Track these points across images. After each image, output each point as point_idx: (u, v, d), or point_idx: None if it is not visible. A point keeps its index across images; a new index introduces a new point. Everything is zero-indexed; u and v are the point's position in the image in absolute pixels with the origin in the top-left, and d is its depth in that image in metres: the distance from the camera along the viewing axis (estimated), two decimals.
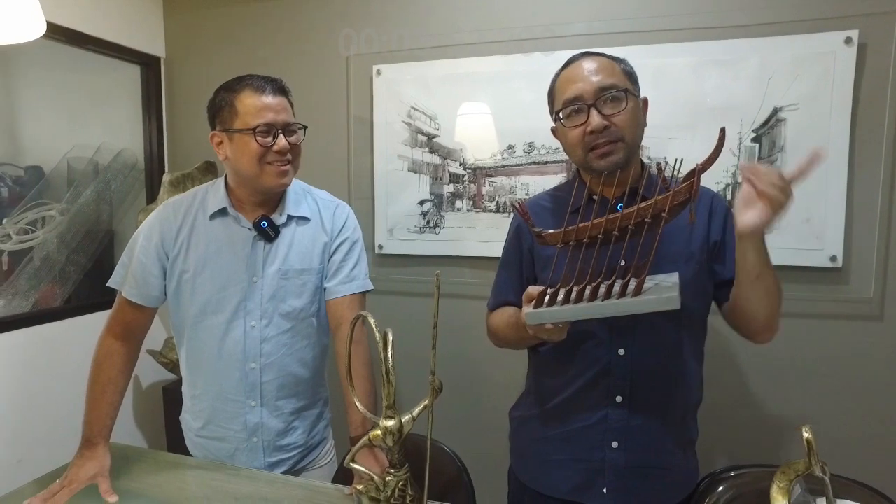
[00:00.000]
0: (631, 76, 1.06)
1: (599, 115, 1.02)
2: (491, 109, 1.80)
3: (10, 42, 0.75)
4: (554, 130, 1.14)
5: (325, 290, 1.29)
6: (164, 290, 1.27)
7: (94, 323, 1.94)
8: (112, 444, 1.27)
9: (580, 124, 1.04)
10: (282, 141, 1.17)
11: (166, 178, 1.94)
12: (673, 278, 0.94)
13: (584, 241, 0.93)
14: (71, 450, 1.21)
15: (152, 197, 2.12)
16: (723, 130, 0.88)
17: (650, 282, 0.93)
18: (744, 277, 0.98)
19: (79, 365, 1.24)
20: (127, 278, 1.26)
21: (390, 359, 0.90)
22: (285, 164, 1.19)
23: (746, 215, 0.90)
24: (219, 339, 1.24)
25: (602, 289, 0.90)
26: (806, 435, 0.61)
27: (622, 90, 1.02)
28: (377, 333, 0.91)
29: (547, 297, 0.93)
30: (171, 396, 2.03)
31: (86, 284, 1.98)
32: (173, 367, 2.00)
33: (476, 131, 1.81)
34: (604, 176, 1.03)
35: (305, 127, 1.25)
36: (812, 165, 0.87)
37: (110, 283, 1.28)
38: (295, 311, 1.26)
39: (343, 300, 1.27)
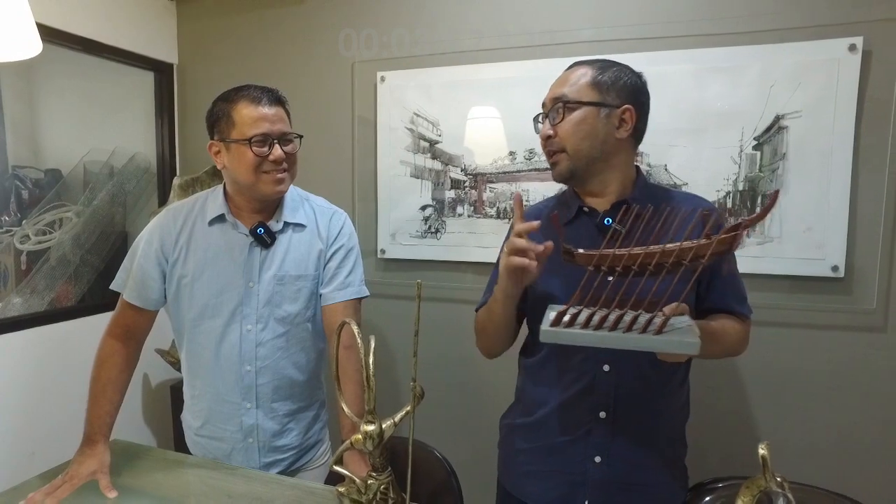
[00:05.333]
0: (602, 85, 1.05)
1: (547, 125, 1.08)
2: (492, 116, 1.81)
3: (5, 59, 0.79)
4: None
5: (320, 296, 1.32)
6: (164, 293, 1.31)
7: (106, 322, 2.00)
8: (115, 441, 1.31)
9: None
10: (277, 150, 1.20)
11: (176, 181, 2.00)
12: (686, 319, 0.92)
13: (618, 269, 0.90)
14: None
15: (164, 199, 2.18)
16: (776, 193, 0.87)
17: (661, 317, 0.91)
18: None
19: (90, 362, 1.31)
20: (128, 282, 1.30)
21: (371, 365, 0.92)
22: (282, 173, 1.22)
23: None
24: (216, 343, 1.28)
25: (625, 318, 0.88)
26: (762, 452, 0.62)
27: (568, 101, 1.04)
28: (359, 340, 0.93)
29: (567, 317, 0.90)
30: (179, 395, 2.06)
31: (99, 284, 2.05)
32: (180, 366, 2.05)
33: (477, 137, 1.83)
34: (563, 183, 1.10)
35: (301, 136, 1.28)
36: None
37: (113, 286, 1.33)
38: (290, 315, 1.29)
39: (338, 306, 1.30)
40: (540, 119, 1.13)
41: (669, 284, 0.85)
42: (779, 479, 0.64)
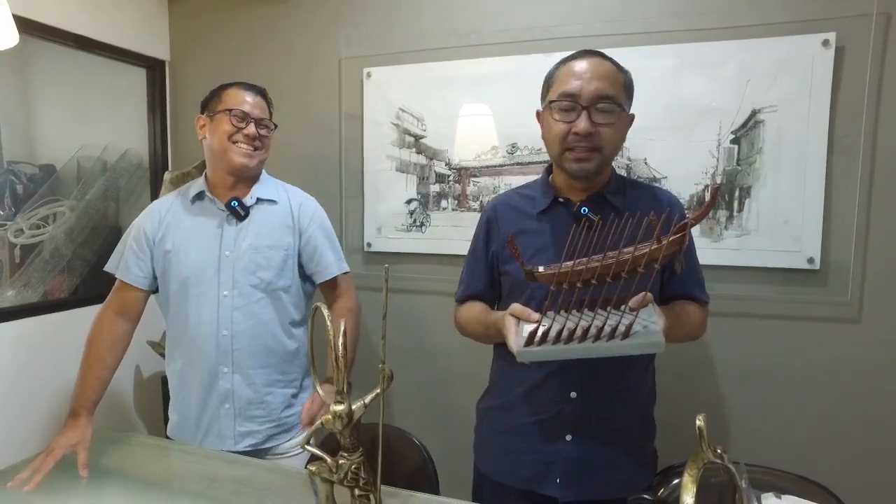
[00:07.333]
0: (628, 89, 1.09)
1: (588, 121, 1.02)
2: (475, 111, 1.84)
3: None
4: (538, 114, 1.16)
5: (312, 275, 1.46)
6: (154, 272, 1.42)
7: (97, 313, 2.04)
8: (101, 427, 1.35)
9: (568, 122, 1.04)
10: (252, 128, 1.36)
11: (167, 176, 2.03)
12: (652, 317, 0.95)
13: (578, 285, 0.94)
14: None
15: (156, 194, 2.21)
16: (716, 188, 0.92)
17: (627, 318, 0.95)
18: None
19: (82, 352, 1.37)
20: (120, 262, 1.42)
21: (340, 347, 0.95)
22: (252, 149, 1.37)
23: None
24: (196, 310, 1.37)
25: (592, 328, 0.92)
26: (698, 423, 0.64)
27: (617, 104, 1.04)
28: (329, 324, 0.96)
29: (538, 336, 0.95)
30: None
31: (91, 277, 2.08)
32: None
33: (461, 132, 1.86)
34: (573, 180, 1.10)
35: (276, 125, 1.43)
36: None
37: (107, 268, 1.44)
38: (262, 282, 1.38)
39: (333, 280, 1.46)
40: (571, 109, 1.05)
41: (633, 284, 0.89)
42: (719, 451, 0.66)
